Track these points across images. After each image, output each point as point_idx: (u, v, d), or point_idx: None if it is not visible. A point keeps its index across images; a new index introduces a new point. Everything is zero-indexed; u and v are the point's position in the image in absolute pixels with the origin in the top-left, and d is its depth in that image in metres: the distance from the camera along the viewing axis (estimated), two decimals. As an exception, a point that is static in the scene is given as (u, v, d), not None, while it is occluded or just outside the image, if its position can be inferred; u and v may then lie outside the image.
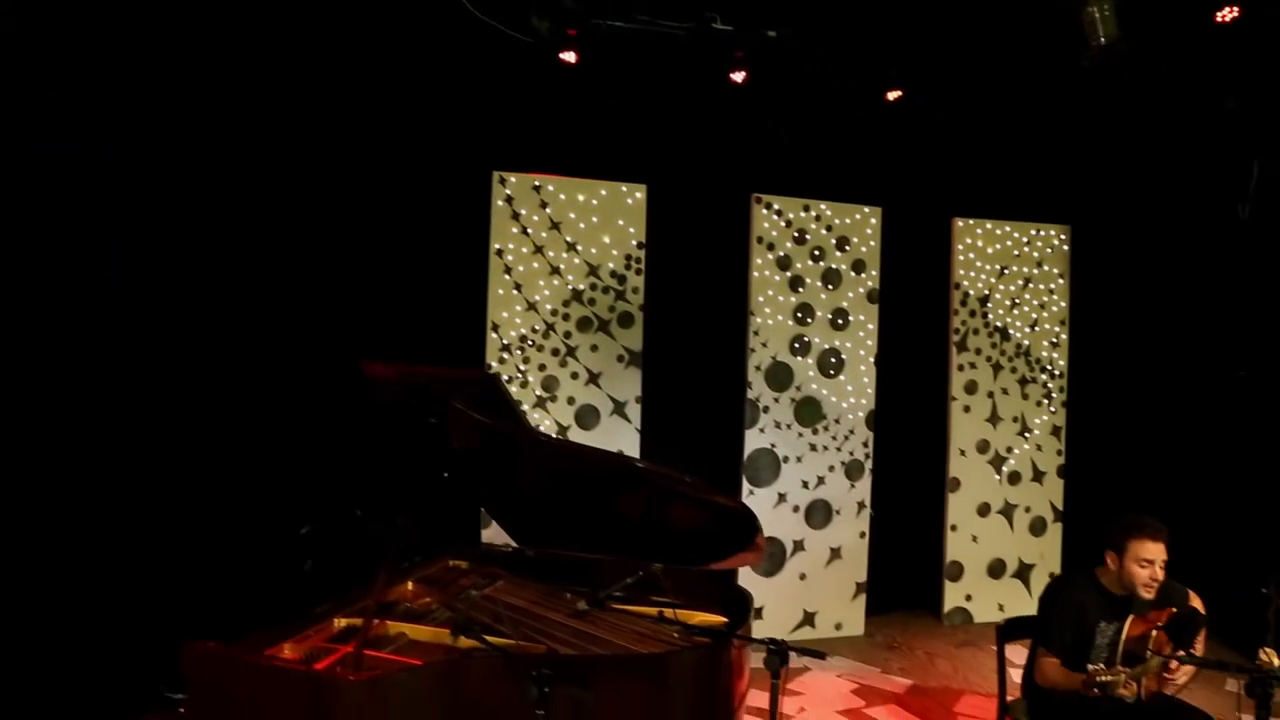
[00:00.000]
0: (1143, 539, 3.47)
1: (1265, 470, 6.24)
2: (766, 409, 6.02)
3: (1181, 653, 3.38)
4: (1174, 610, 3.52)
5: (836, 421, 6.19)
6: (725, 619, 3.60)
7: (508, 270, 5.60)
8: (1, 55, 4.11)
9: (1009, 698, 3.99)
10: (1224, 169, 6.49)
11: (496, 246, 5.58)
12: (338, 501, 4.31)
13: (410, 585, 3.84)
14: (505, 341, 5.60)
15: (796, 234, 6.08)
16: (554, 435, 5.52)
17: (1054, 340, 6.85)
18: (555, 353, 5.69)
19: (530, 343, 5.64)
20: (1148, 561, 3.46)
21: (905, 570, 6.66)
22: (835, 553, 6.20)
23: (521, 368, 5.63)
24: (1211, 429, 6.70)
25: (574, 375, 5.72)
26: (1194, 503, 6.52)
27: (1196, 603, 3.70)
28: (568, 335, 5.70)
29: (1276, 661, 3.30)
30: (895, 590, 6.63)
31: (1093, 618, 3.58)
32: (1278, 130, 6.19)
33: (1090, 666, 3.19)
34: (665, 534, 3.82)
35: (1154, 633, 3.49)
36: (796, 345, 6.08)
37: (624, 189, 5.81)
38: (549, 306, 5.67)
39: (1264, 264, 6.39)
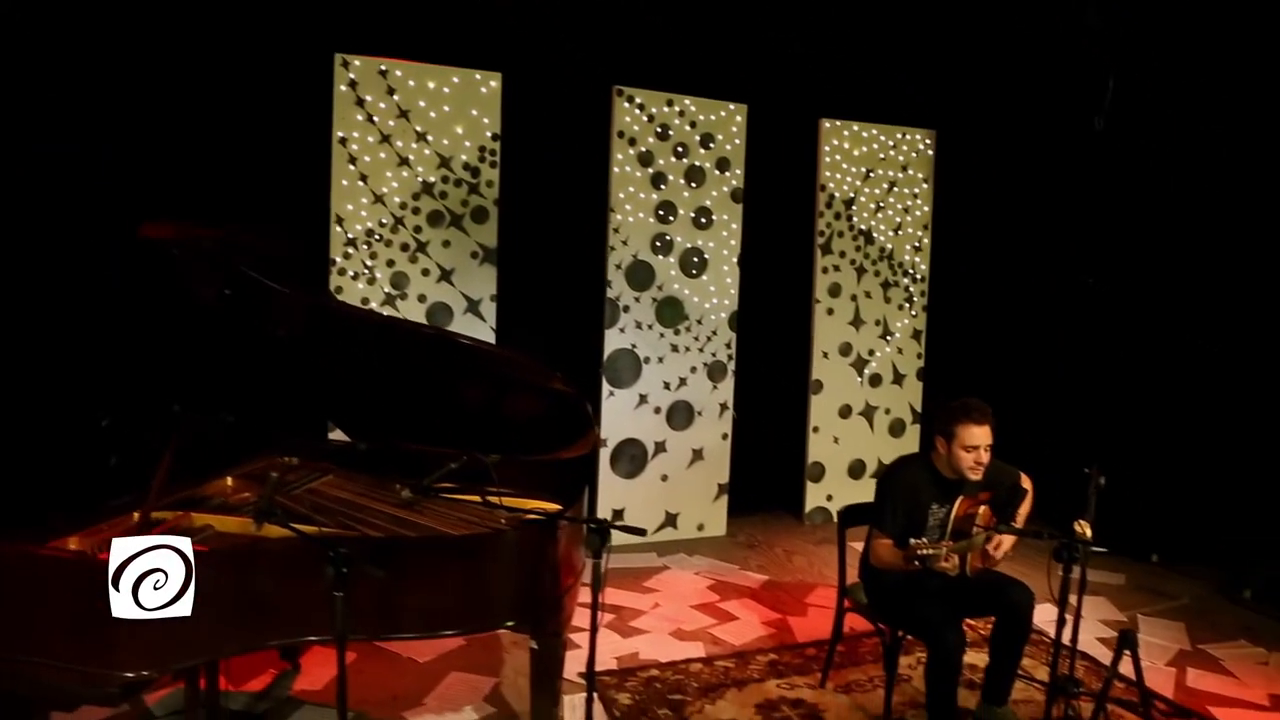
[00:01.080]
0: (968, 424, 3.50)
1: (1099, 367, 6.52)
2: (627, 308, 5.90)
3: (1002, 525, 3.46)
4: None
5: (699, 322, 6.12)
6: (560, 507, 3.50)
7: (352, 160, 5.28)
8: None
9: (848, 581, 4.06)
10: (1082, 82, 6.57)
11: (340, 134, 5.25)
12: (157, 394, 4.02)
13: (230, 481, 3.62)
14: (351, 235, 5.31)
15: (659, 129, 5.90)
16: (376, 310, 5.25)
17: (917, 244, 6.91)
18: (405, 248, 5.43)
19: (378, 237, 5.36)
20: (973, 446, 3.50)
21: (768, 471, 6.72)
22: (697, 454, 6.20)
23: (368, 263, 5.36)
24: (1060, 332, 6.92)
25: (425, 272, 5.47)
26: (1039, 398, 6.79)
27: (1026, 483, 3.79)
28: (418, 230, 5.44)
29: (1088, 532, 3.40)
30: (758, 491, 6.69)
31: (925, 500, 3.62)
32: (1132, 47, 6.29)
33: (912, 541, 3.22)
34: (503, 423, 3.69)
35: (981, 510, 3.56)
36: (658, 244, 5.96)
37: (478, 77, 5.51)
38: (397, 199, 5.39)
39: (1115, 177, 6.55)
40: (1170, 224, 6.19)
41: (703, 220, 6.07)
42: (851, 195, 6.62)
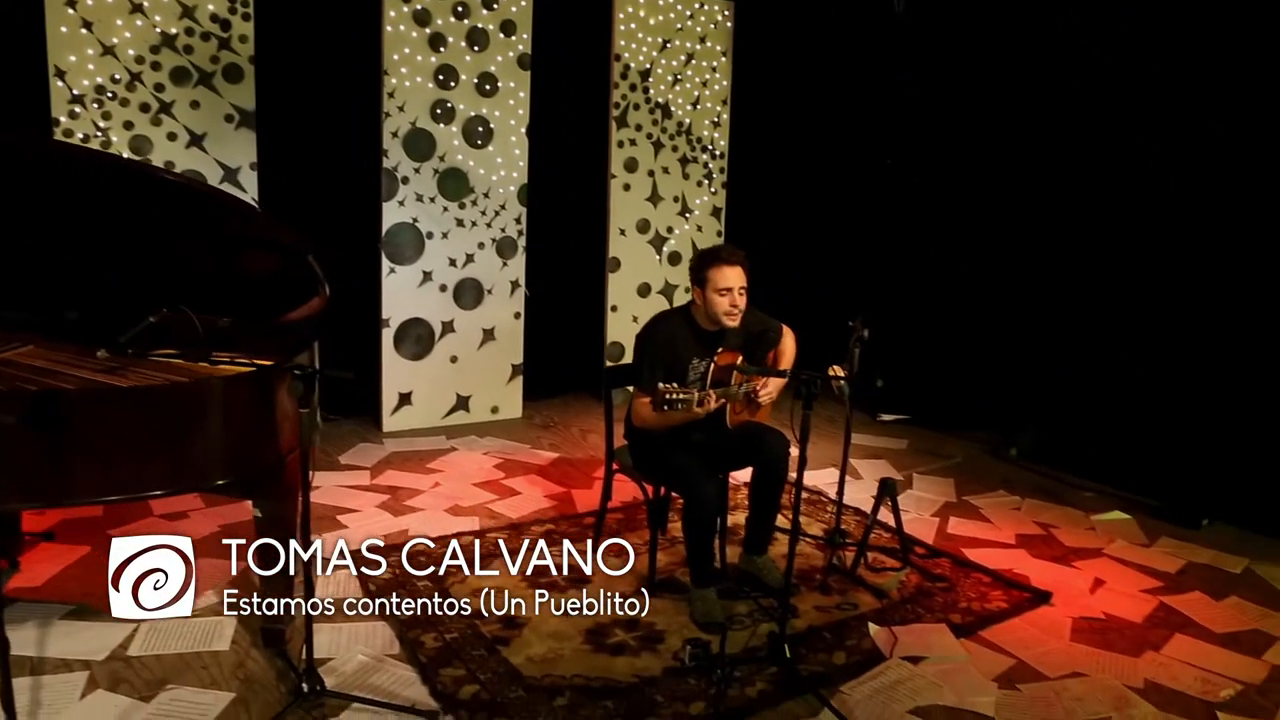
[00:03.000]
0: (719, 265, 3.42)
1: (892, 243, 6.68)
2: (406, 180, 5.53)
3: (749, 364, 3.44)
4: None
5: (486, 195, 5.82)
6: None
7: (71, 3, 4.65)
8: None
9: (616, 445, 3.98)
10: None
11: (53, -28, 4.60)
12: None
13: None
14: (76, 92, 4.71)
15: (436, -15, 5.48)
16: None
17: (715, 120, 6.77)
18: (145, 109, 4.87)
19: (110, 95, 4.78)
20: (726, 289, 3.41)
21: (566, 352, 6.57)
22: (489, 334, 5.98)
23: (101, 125, 4.78)
24: (856, 209, 7.02)
25: (171, 136, 4.94)
26: (833, 273, 6.90)
27: (788, 334, 3.76)
28: (160, 88, 4.88)
29: (842, 376, 3.41)
30: (557, 372, 6.55)
31: (685, 354, 3.54)
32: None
33: (660, 385, 3.11)
34: (235, 284, 3.37)
35: (740, 360, 3.50)
36: (439, 111, 5.58)
37: (223, -85, 4.93)
38: (132, 52, 4.80)
39: (913, 57, 6.57)
40: (965, 108, 6.28)
41: (487, 87, 5.72)
42: (648, 66, 6.39)
